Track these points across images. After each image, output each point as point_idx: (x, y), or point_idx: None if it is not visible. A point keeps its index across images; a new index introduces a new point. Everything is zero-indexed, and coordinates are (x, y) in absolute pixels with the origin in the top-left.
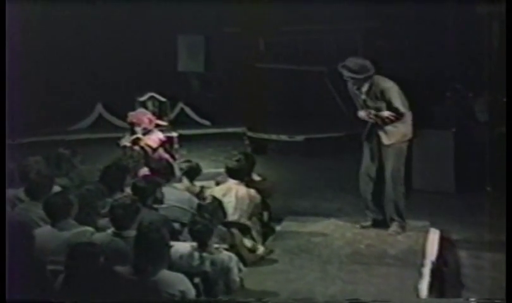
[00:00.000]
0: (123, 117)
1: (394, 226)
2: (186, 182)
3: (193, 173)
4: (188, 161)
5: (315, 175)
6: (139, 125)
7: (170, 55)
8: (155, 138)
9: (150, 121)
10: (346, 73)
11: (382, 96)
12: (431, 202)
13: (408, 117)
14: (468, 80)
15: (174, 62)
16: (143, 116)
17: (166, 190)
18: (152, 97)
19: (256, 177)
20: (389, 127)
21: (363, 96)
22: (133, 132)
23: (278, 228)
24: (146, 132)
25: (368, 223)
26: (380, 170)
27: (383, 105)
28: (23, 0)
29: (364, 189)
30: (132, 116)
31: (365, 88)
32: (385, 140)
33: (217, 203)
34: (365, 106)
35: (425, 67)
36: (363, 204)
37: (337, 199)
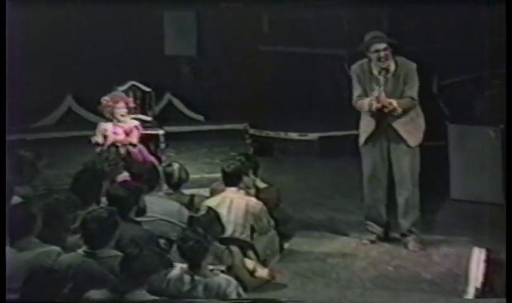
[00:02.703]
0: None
1: (413, 241)
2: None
3: (177, 179)
4: (170, 164)
5: (332, 181)
6: (114, 112)
7: (156, 36)
8: (133, 131)
9: (127, 104)
10: (381, 44)
11: (405, 79)
12: (474, 215)
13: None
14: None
15: (160, 44)
16: (120, 99)
17: (150, 199)
18: (133, 86)
19: (259, 184)
20: (408, 124)
21: (384, 79)
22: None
23: (286, 245)
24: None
25: (373, 237)
26: (392, 172)
27: (399, 90)
28: None
29: (371, 196)
30: (105, 101)
31: (392, 67)
32: (411, 141)
33: (213, 215)
34: (383, 92)
35: (462, 48)
36: (367, 214)
37: (359, 210)
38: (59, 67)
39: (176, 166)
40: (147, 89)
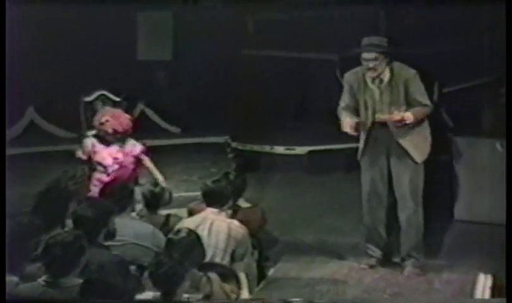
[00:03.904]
0: (63, 123)
1: (410, 266)
2: (145, 210)
3: (158, 200)
4: (155, 184)
5: (323, 200)
6: (119, 131)
7: (128, 39)
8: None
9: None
10: (371, 53)
11: (406, 86)
12: (481, 237)
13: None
14: None
15: (132, 48)
16: (124, 117)
17: (121, 221)
18: (102, 96)
19: (243, 204)
20: (414, 136)
21: (379, 89)
22: (104, 141)
23: (271, 271)
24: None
25: (372, 262)
26: (393, 188)
27: (402, 99)
28: None
29: (370, 215)
30: (107, 117)
31: (386, 77)
32: (418, 156)
33: (195, 238)
34: (379, 104)
35: (465, 51)
36: (366, 235)
37: (353, 231)
38: (19, 76)
39: (163, 186)
40: (117, 98)
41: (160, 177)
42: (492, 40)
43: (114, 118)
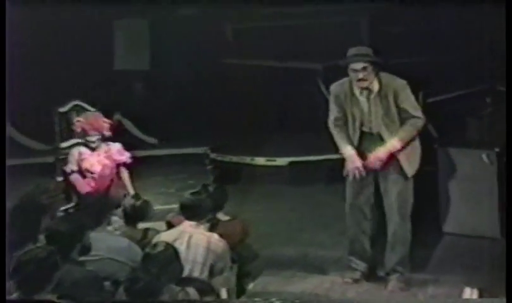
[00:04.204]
0: (37, 135)
1: (394, 281)
2: (122, 224)
3: (138, 214)
4: (137, 197)
5: (304, 212)
6: (87, 130)
7: (104, 47)
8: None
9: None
10: (360, 63)
11: (396, 97)
12: (467, 250)
13: None
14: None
15: (108, 57)
16: (99, 120)
17: (96, 236)
18: (76, 106)
19: (222, 217)
20: (408, 149)
21: (368, 101)
22: (89, 147)
23: (251, 286)
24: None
25: (357, 275)
26: (379, 201)
27: (393, 110)
28: None
29: (354, 227)
30: (83, 123)
31: (375, 88)
32: (410, 170)
33: (172, 252)
34: (367, 115)
35: (453, 60)
36: (350, 248)
37: (335, 245)
38: None
39: (145, 200)
40: (92, 109)
41: (132, 192)
42: (478, 50)
43: (85, 119)
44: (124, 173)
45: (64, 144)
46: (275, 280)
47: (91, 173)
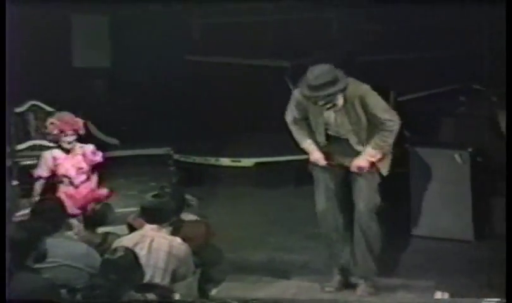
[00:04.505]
0: None
1: (362, 286)
2: (81, 228)
3: (98, 218)
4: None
5: (271, 215)
6: (66, 131)
7: (62, 43)
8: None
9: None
10: (323, 92)
11: (363, 103)
12: (439, 254)
13: None
14: (489, 79)
15: (67, 53)
16: (75, 119)
17: (53, 242)
18: (33, 107)
19: (188, 217)
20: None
21: (334, 113)
22: (63, 149)
23: (213, 291)
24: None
25: (335, 283)
26: (350, 205)
27: (362, 118)
28: None
29: (328, 234)
30: (58, 123)
31: (340, 102)
32: (384, 169)
33: (132, 257)
34: (334, 126)
35: (426, 58)
36: (328, 256)
37: (302, 249)
38: None
39: (105, 203)
40: (51, 109)
41: None
42: (454, 48)
43: (59, 119)
44: (94, 176)
45: (21, 146)
46: (240, 286)
47: (68, 178)
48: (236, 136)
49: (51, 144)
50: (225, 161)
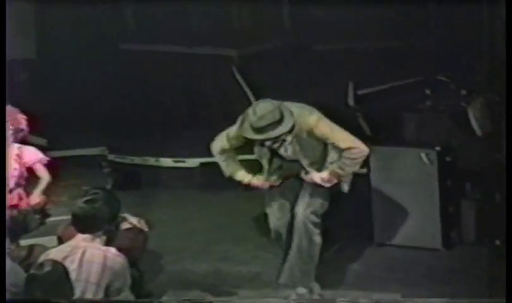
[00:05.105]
0: None
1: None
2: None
3: (20, 228)
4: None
5: (218, 222)
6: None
7: None
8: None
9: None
10: (268, 135)
11: (315, 137)
12: (405, 263)
13: None
14: (458, 72)
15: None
16: (15, 114)
17: None
18: None
19: (129, 221)
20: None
21: (283, 147)
22: None
23: None
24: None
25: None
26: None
27: (315, 147)
28: None
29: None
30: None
31: (288, 138)
32: (345, 187)
33: (61, 272)
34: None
35: (385, 47)
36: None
37: (252, 259)
38: None
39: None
40: None
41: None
42: (418, 39)
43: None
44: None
45: None
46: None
47: None
48: (178, 134)
49: None
50: (167, 162)
